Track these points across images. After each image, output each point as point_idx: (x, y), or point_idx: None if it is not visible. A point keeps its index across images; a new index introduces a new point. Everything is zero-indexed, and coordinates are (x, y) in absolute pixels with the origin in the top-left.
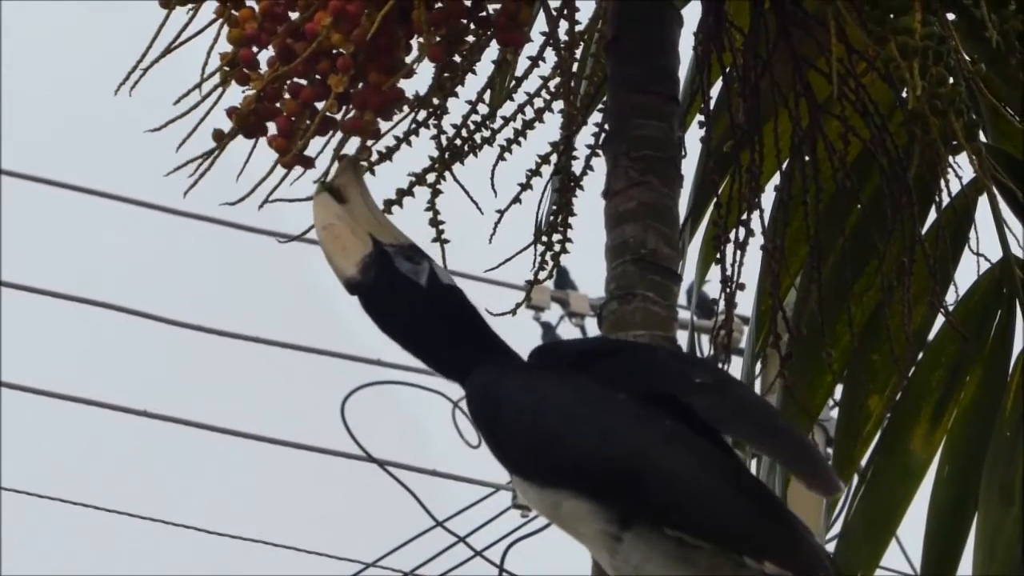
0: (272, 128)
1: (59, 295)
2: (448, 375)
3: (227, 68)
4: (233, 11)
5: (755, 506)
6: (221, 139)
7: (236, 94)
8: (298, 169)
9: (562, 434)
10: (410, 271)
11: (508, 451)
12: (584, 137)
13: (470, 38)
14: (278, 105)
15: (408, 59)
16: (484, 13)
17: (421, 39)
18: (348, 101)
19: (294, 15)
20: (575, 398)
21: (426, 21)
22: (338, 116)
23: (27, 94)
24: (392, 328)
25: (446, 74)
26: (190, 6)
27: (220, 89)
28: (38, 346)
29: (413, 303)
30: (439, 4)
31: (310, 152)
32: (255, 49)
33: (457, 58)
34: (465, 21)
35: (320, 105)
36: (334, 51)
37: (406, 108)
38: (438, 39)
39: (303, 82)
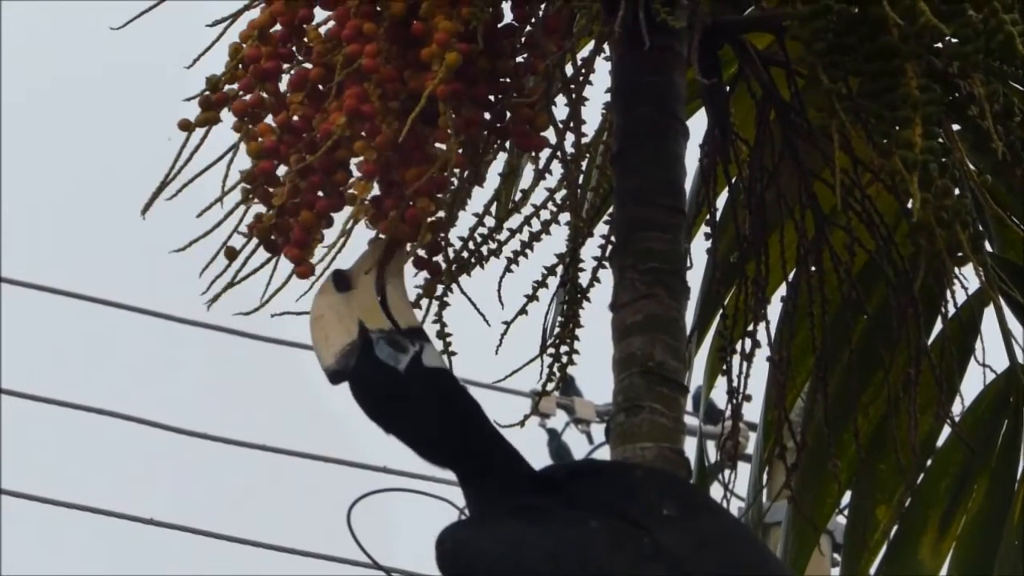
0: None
1: (73, 405)
2: (433, 460)
3: (247, 185)
4: (251, 126)
5: None
6: (233, 257)
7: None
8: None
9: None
10: (389, 356)
11: None
12: (590, 249)
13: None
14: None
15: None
16: (498, 123)
17: (443, 145)
18: (383, 206)
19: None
20: (548, 538)
21: (452, 126)
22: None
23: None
24: (374, 414)
25: (467, 184)
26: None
27: (242, 206)
28: (38, 451)
29: (390, 389)
30: (458, 112)
31: None
32: (275, 162)
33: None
34: (485, 131)
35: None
36: (351, 161)
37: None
38: (460, 147)
39: (319, 193)
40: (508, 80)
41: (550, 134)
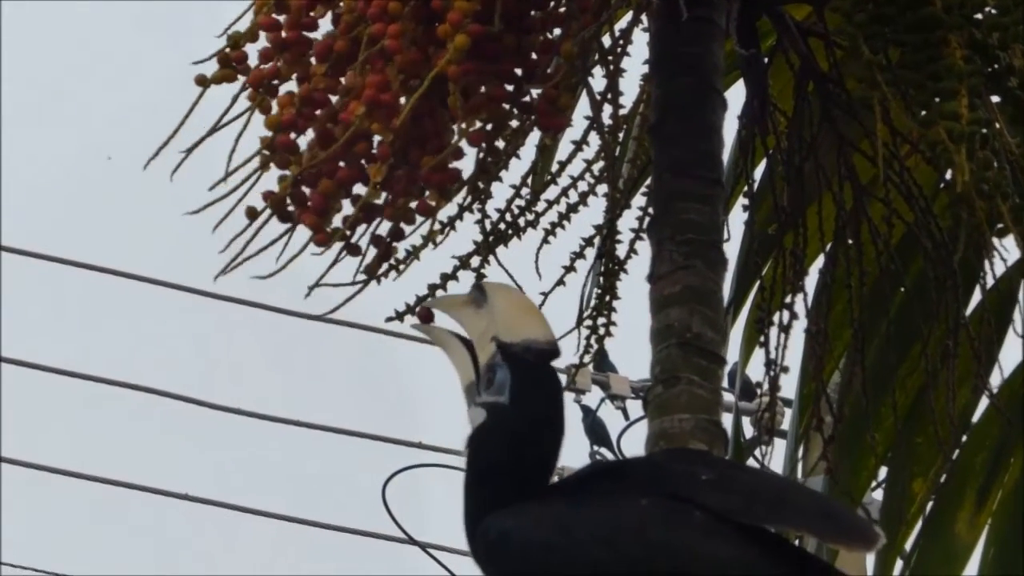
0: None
1: (126, 383)
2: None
3: (266, 152)
4: (267, 96)
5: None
6: (254, 217)
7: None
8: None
9: (599, 561)
10: (474, 418)
11: None
12: (628, 221)
13: (514, 123)
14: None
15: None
16: (526, 98)
17: (461, 124)
18: (394, 187)
19: (334, 98)
20: (599, 519)
21: (462, 107)
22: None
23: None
24: None
25: (489, 159)
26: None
27: (259, 172)
28: (37, 422)
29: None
30: (481, 89)
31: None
32: (293, 135)
33: (500, 143)
34: (507, 106)
35: (358, 188)
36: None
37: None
38: (479, 124)
39: (340, 163)
40: (536, 56)
41: (585, 107)
